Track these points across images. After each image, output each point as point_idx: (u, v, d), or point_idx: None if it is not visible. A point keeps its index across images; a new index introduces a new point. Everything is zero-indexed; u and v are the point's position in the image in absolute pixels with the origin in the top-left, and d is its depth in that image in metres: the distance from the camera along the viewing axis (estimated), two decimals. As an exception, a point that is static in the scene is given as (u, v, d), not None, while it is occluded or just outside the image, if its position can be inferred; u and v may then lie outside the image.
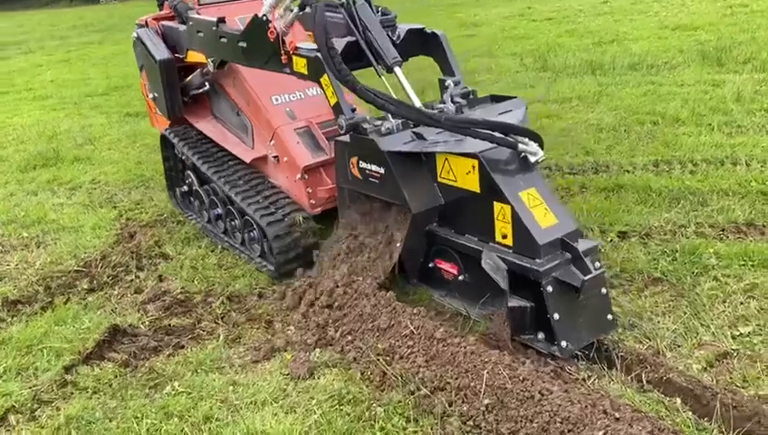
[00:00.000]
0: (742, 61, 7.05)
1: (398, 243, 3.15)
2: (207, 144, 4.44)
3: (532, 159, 2.85)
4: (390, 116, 3.13)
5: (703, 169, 4.52)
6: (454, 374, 2.61)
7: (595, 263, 2.77)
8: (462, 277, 3.16)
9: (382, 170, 3.08)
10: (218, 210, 4.29)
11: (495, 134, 2.82)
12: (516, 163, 2.88)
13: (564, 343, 2.70)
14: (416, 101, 3.22)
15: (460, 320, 3.11)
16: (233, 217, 4.12)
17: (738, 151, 4.73)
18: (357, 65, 3.33)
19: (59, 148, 6.62)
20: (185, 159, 4.56)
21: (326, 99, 3.25)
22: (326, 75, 3.15)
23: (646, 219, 3.93)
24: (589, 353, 2.81)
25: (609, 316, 2.83)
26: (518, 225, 2.78)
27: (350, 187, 3.36)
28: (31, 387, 2.98)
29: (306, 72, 3.27)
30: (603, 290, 2.80)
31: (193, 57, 4.33)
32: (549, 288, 2.68)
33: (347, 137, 3.24)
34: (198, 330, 3.36)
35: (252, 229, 3.94)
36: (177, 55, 4.45)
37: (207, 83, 4.47)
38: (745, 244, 3.56)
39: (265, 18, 3.35)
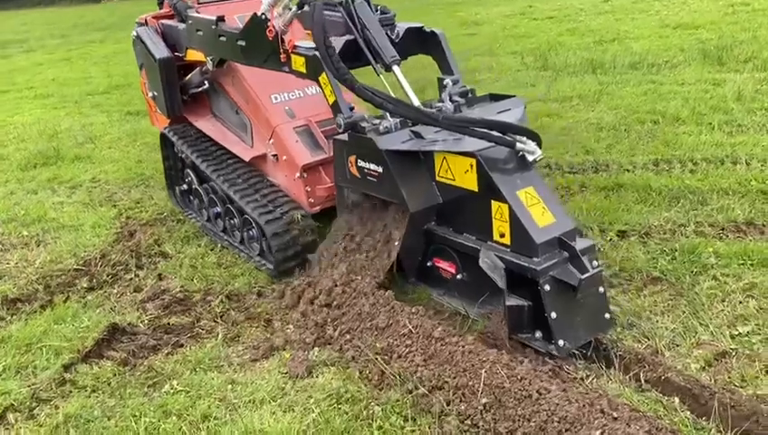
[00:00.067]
0: (743, 60, 7.03)
1: (397, 242, 3.14)
2: (207, 143, 4.44)
3: (530, 158, 2.84)
4: (389, 115, 3.13)
5: (703, 169, 4.51)
6: (452, 373, 2.61)
7: (592, 262, 2.76)
8: (460, 276, 3.16)
9: (380, 169, 3.08)
10: (217, 209, 4.30)
11: (493, 133, 2.82)
12: (514, 162, 2.88)
13: (561, 342, 2.70)
14: (414, 100, 3.22)
15: (459, 319, 3.11)
16: (232, 216, 4.13)
17: (738, 150, 4.71)
18: (356, 64, 3.33)
19: (59, 146, 6.63)
20: (184, 158, 4.56)
21: (324, 97, 3.25)
22: (324, 74, 3.15)
23: (645, 218, 3.92)
24: (586, 352, 2.81)
25: (606, 315, 2.82)
26: (516, 224, 2.77)
27: (349, 185, 3.36)
28: (30, 385, 2.98)
29: (305, 71, 3.28)
30: (601, 289, 2.80)
31: (192, 56, 4.34)
32: (546, 287, 2.68)
33: (345, 135, 3.23)
34: (197, 329, 3.36)
35: (251, 228, 3.94)
36: (176, 54, 4.45)
37: (207, 82, 4.47)
38: (745, 243, 3.55)
39: (264, 17, 3.36)
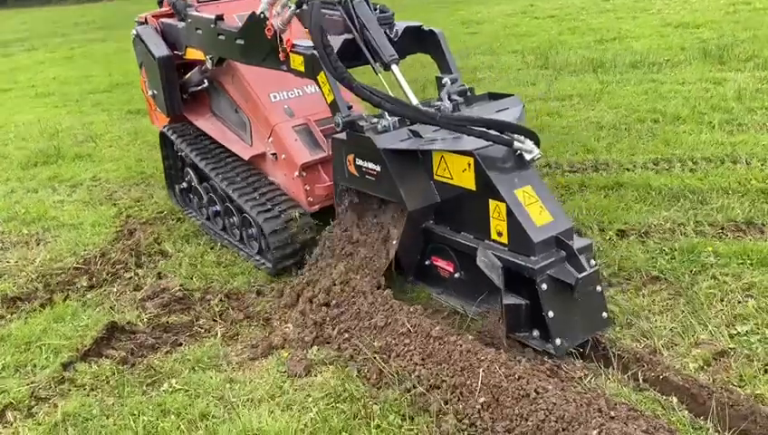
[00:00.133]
0: (744, 59, 7.02)
1: (395, 240, 3.14)
2: (206, 141, 4.44)
3: (527, 157, 2.84)
4: (387, 114, 3.12)
5: (703, 168, 4.50)
6: (450, 372, 2.61)
7: (590, 261, 2.77)
8: (458, 275, 3.16)
9: (378, 168, 3.07)
10: (217, 207, 4.30)
11: (491, 132, 2.82)
12: (512, 161, 2.87)
13: (559, 341, 2.70)
14: (413, 99, 3.21)
15: (457, 318, 3.11)
16: (231, 215, 4.13)
17: (739, 150, 4.70)
18: (354, 63, 3.33)
19: (60, 145, 6.64)
20: (183, 157, 4.57)
21: (323, 96, 3.25)
22: (323, 73, 3.15)
23: (645, 218, 3.92)
24: (584, 351, 2.81)
25: (603, 314, 2.82)
26: (513, 222, 2.77)
27: (347, 184, 3.35)
28: (29, 384, 2.98)
29: (303, 70, 3.28)
30: (598, 288, 2.80)
31: (192, 54, 4.34)
32: (543, 286, 2.68)
33: (343, 134, 3.23)
34: (196, 327, 3.36)
35: (250, 226, 3.94)
36: (176, 52, 4.45)
37: (206, 81, 4.47)
38: (744, 242, 3.54)
39: (263, 15, 3.36)
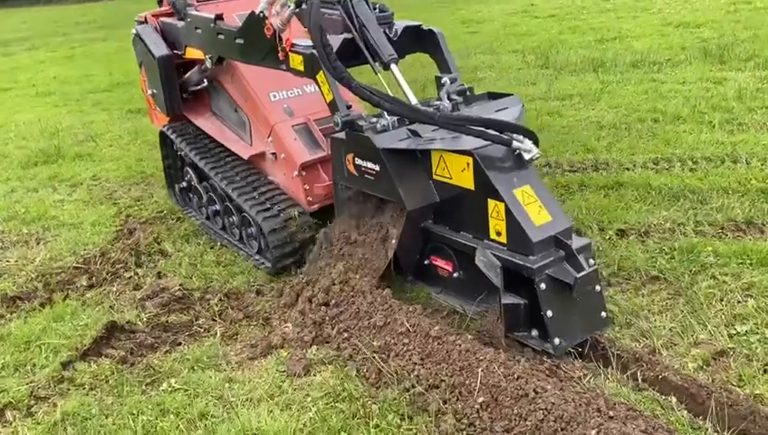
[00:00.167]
0: (744, 58, 7.01)
1: (394, 240, 3.13)
2: (206, 140, 4.44)
3: (526, 157, 2.84)
4: (386, 113, 3.12)
5: (703, 167, 4.50)
6: (448, 372, 2.60)
7: (589, 260, 2.77)
8: (457, 274, 3.16)
9: (377, 168, 3.07)
10: (216, 207, 4.30)
11: (490, 131, 2.82)
12: (511, 161, 2.87)
13: (557, 341, 2.70)
14: (412, 99, 3.21)
15: (456, 317, 3.10)
16: (230, 214, 4.13)
17: (739, 149, 4.70)
18: (354, 62, 3.33)
19: (60, 144, 6.64)
20: (183, 156, 4.57)
21: (322, 96, 3.25)
22: (322, 72, 3.15)
23: (645, 217, 3.91)
24: (583, 351, 2.80)
25: (602, 314, 2.82)
26: (512, 222, 2.77)
27: (346, 184, 3.35)
28: (28, 383, 2.99)
29: (302, 69, 3.28)
30: (597, 287, 2.79)
31: (191, 54, 4.34)
32: (542, 285, 2.68)
33: (343, 134, 3.23)
34: (196, 327, 3.36)
35: (249, 226, 3.94)
36: (175, 52, 4.45)
37: (206, 80, 4.47)
38: (744, 242, 3.54)
39: (262, 15, 3.36)
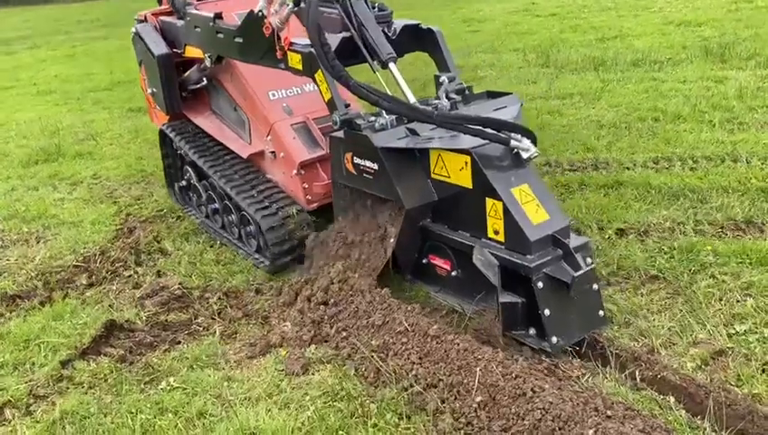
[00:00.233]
0: (745, 57, 6.99)
1: (392, 239, 3.13)
2: (205, 139, 4.44)
3: (524, 156, 2.83)
4: (384, 112, 3.12)
5: (703, 166, 4.49)
6: (447, 371, 2.60)
7: (586, 259, 2.77)
8: (455, 273, 3.16)
9: (376, 166, 3.07)
10: (216, 205, 4.30)
11: (488, 130, 2.81)
12: (509, 159, 2.87)
13: (555, 339, 2.70)
14: (410, 97, 3.20)
15: (455, 317, 3.10)
16: (229, 212, 4.13)
17: (739, 148, 4.69)
18: (352, 61, 3.32)
19: (61, 143, 6.65)
20: (183, 155, 4.57)
21: (321, 95, 3.25)
22: (320, 71, 3.15)
23: (644, 217, 3.91)
24: (581, 350, 2.80)
25: (600, 312, 2.82)
26: (509, 221, 2.77)
27: (345, 182, 3.35)
28: (27, 382, 2.99)
29: (301, 68, 3.28)
30: (594, 286, 2.80)
31: (191, 52, 4.34)
32: (539, 284, 2.68)
33: (341, 133, 3.23)
34: (195, 325, 3.37)
35: (248, 224, 3.95)
36: (175, 50, 4.45)
37: (205, 79, 4.48)
38: (743, 241, 3.53)
39: (261, 14, 3.36)
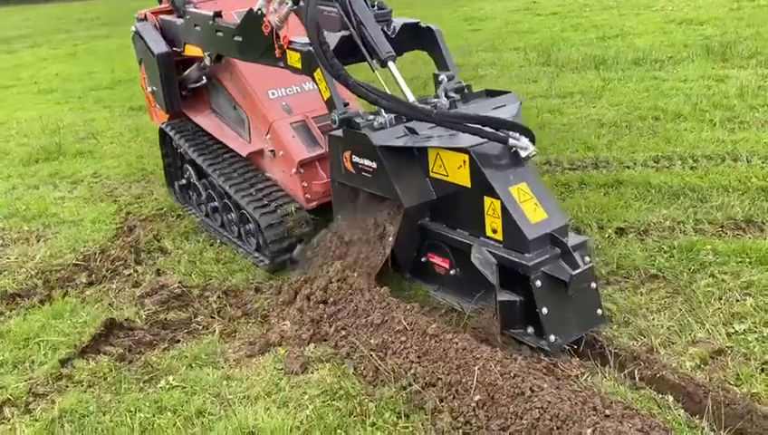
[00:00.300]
0: (747, 56, 6.98)
1: (391, 237, 3.13)
2: (204, 138, 4.44)
3: (523, 154, 2.84)
4: (383, 111, 3.12)
5: (703, 166, 4.48)
6: (445, 370, 2.61)
7: (584, 257, 2.77)
8: (454, 272, 3.16)
9: (375, 165, 3.07)
10: (215, 203, 4.30)
11: (486, 129, 2.81)
12: (507, 158, 2.87)
13: (553, 337, 2.70)
14: (409, 96, 3.20)
15: (454, 316, 3.10)
16: (229, 211, 4.13)
17: (740, 147, 4.68)
18: (352, 60, 3.32)
19: (61, 142, 6.66)
20: (182, 153, 4.57)
21: (320, 93, 3.24)
22: (319, 69, 3.15)
23: (644, 216, 3.90)
24: (578, 348, 2.80)
25: (598, 311, 2.82)
26: (507, 219, 2.77)
27: (344, 181, 3.35)
28: (27, 380, 3.00)
29: (300, 67, 3.28)
30: (592, 285, 2.80)
31: (190, 51, 4.34)
32: (537, 283, 2.68)
33: (340, 131, 3.23)
34: (194, 324, 3.37)
35: (247, 222, 3.95)
36: (175, 49, 4.45)
37: (205, 77, 4.48)
38: (743, 241, 3.53)
39: (260, 12, 3.36)
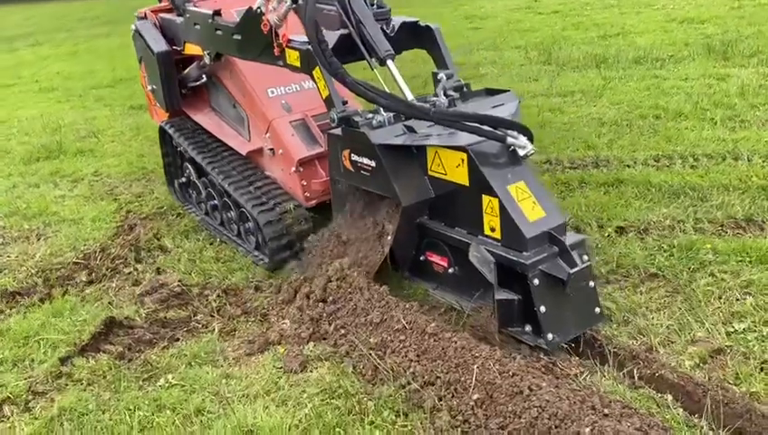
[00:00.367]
0: (748, 54, 6.95)
1: (390, 236, 3.14)
2: (204, 136, 4.44)
3: (521, 153, 2.83)
4: (382, 109, 3.12)
5: (704, 164, 4.47)
6: (444, 369, 2.61)
7: (582, 256, 2.76)
8: (452, 270, 3.16)
9: (373, 163, 3.07)
10: (215, 202, 4.30)
11: (484, 127, 2.81)
12: (505, 157, 2.87)
13: (551, 336, 2.70)
14: (408, 95, 3.20)
15: (454, 314, 3.10)
16: (228, 209, 4.13)
17: (740, 146, 4.67)
18: (350, 58, 3.32)
19: (62, 140, 6.66)
20: (182, 151, 4.57)
21: (318, 92, 3.24)
22: (318, 68, 3.15)
23: (644, 215, 3.90)
24: (579, 348, 2.80)
25: (596, 309, 2.82)
26: (506, 218, 2.77)
27: (343, 179, 3.35)
28: (26, 378, 3.00)
29: (299, 65, 3.28)
30: (590, 283, 2.80)
31: (190, 49, 4.34)
32: (535, 281, 2.68)
33: (339, 130, 3.23)
34: (194, 323, 3.37)
35: (247, 221, 3.95)
36: (175, 47, 4.46)
37: (205, 76, 4.48)
38: (743, 240, 3.52)
39: (259, 11, 3.36)
